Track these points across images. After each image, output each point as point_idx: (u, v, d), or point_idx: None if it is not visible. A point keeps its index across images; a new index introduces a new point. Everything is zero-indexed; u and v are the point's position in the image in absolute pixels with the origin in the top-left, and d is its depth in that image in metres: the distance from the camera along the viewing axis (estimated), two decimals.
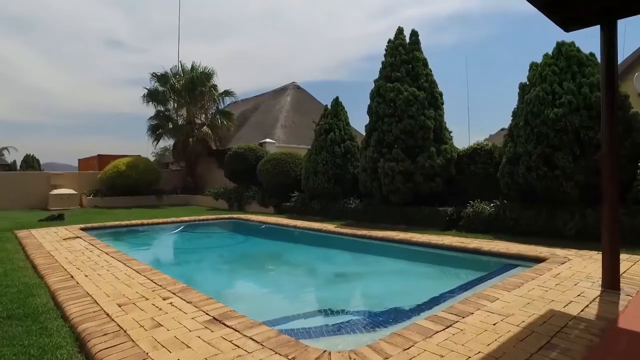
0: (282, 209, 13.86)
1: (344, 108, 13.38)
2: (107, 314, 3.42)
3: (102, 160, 21.28)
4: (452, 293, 4.50)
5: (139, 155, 20.16)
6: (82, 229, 9.12)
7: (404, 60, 10.70)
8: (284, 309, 4.27)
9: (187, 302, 3.69)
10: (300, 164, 14.42)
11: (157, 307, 3.60)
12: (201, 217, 11.87)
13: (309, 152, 13.29)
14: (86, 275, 4.78)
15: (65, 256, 6.00)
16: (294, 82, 24.08)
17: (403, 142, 10.08)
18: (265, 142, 17.53)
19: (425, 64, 10.88)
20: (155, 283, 4.36)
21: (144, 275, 4.69)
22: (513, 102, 8.78)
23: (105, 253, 6.08)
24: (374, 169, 10.56)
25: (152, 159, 33.16)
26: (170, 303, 3.69)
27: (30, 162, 50.86)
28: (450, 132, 10.93)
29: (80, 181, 18.67)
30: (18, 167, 47.79)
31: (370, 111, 11.03)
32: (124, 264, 5.30)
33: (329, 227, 9.65)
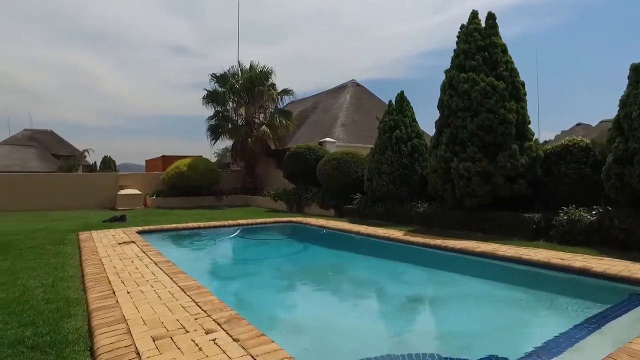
0: (343, 212, 13.08)
1: (409, 103, 12.33)
2: (138, 353, 2.80)
3: (166, 160, 21.77)
4: (572, 336, 3.41)
5: (200, 156, 20.35)
6: (138, 232, 8.94)
7: (480, 47, 9.47)
8: (349, 350, 3.45)
9: (234, 340, 2.99)
10: (362, 164, 13.60)
11: (196, 345, 2.93)
12: (259, 220, 11.39)
13: (372, 151, 12.39)
14: (128, 292, 4.28)
15: (114, 265, 5.63)
16: (353, 80, 23.20)
17: (480, 139, 8.91)
18: (325, 142, 16.84)
19: (504, 50, 9.57)
20: (200, 307, 3.72)
21: (189, 296, 4.08)
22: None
23: (154, 263, 5.63)
24: (446, 170, 9.45)
25: (214, 159, 33.84)
26: (213, 340, 3.00)
27: (107, 163, 54.05)
28: None
29: (145, 182, 19.15)
30: (98, 168, 50.89)
31: (441, 105, 9.92)
32: (171, 279, 4.77)
33: (396, 234, 8.70)
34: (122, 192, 17.70)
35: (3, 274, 5.42)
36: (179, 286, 4.42)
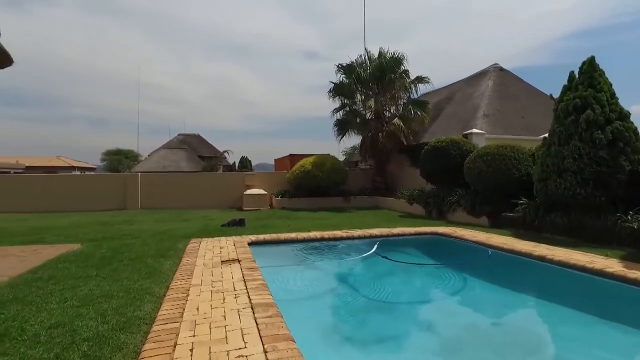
0: (500, 221, 10.11)
1: (603, 73, 8.83)
2: None
3: (293, 159, 20.94)
4: None
5: (328, 154, 18.90)
6: (251, 243, 7.46)
7: None
8: None
9: None
10: (525, 160, 10.53)
11: None
12: (395, 231, 9.09)
13: (546, 142, 9.21)
14: None
15: (199, 303, 3.99)
16: (495, 64, 19.34)
17: None
18: (471, 133, 13.82)
19: None
20: None
21: None
22: None
23: (251, 307, 3.80)
24: None
25: (342, 157, 32.59)
26: None
27: (244, 163, 57.56)
28: None
29: (271, 181, 18.43)
30: (236, 168, 54.30)
31: None
32: (264, 351, 2.84)
33: (613, 266, 5.58)
34: (248, 192, 17.17)
35: (73, 305, 4.18)
36: None
